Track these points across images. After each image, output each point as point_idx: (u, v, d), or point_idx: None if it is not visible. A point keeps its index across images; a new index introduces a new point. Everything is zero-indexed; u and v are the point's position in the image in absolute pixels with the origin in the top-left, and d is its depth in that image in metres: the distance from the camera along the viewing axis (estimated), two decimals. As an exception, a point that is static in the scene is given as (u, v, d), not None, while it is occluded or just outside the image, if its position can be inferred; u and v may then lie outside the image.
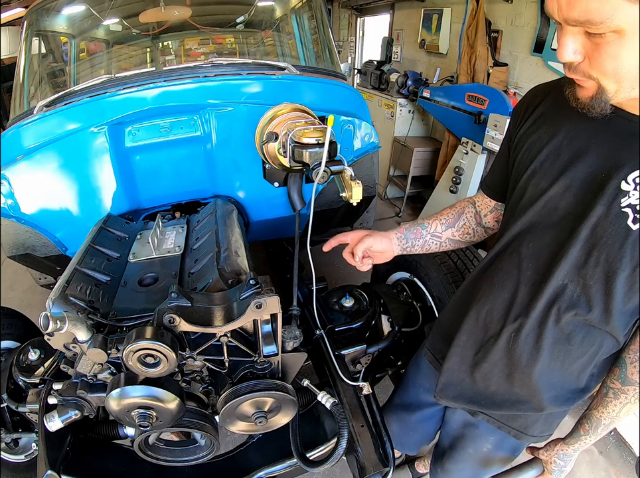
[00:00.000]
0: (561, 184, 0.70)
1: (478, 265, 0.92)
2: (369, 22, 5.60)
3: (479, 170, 3.02)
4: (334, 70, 1.93)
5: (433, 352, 1.07)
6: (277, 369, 0.93)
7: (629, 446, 1.82)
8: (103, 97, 1.40)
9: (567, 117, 0.71)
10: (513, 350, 0.80)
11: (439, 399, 0.99)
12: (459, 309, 0.93)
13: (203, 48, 2.48)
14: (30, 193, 1.41)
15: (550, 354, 0.77)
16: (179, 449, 1.02)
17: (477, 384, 0.90)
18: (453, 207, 1.03)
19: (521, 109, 0.83)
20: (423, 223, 1.02)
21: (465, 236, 1.02)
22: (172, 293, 0.79)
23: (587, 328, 0.73)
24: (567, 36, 0.57)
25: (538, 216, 0.74)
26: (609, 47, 0.54)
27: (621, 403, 0.79)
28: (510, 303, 0.79)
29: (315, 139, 1.14)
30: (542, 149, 0.74)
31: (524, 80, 2.94)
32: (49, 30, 1.97)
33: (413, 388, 1.20)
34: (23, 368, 1.20)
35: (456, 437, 1.09)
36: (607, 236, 0.65)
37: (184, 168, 1.53)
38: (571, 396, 0.84)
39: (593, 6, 0.50)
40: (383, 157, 3.57)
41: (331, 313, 1.47)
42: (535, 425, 0.93)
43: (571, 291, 0.71)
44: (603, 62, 0.56)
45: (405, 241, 1.01)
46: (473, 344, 0.88)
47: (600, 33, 0.53)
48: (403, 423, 1.26)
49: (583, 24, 0.53)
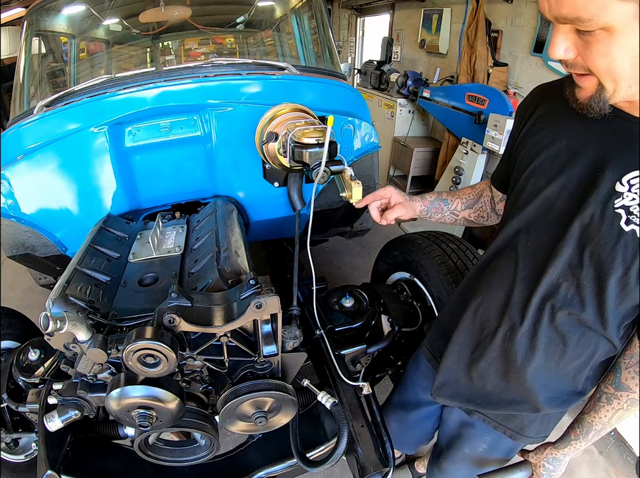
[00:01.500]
0: (558, 184, 0.71)
1: (477, 263, 0.92)
2: (369, 22, 5.60)
3: (479, 170, 3.03)
4: (334, 70, 1.93)
5: (432, 350, 1.08)
6: (277, 369, 0.93)
7: (629, 446, 1.82)
8: (103, 97, 1.40)
9: (567, 117, 0.71)
10: (508, 349, 0.80)
11: (436, 398, 1.00)
12: (457, 308, 0.94)
13: (203, 48, 2.48)
14: (30, 193, 1.41)
15: (545, 354, 0.77)
16: (179, 449, 1.02)
17: (474, 382, 0.90)
18: (474, 188, 1.07)
19: (523, 109, 0.84)
20: (447, 199, 1.06)
21: (480, 219, 1.06)
22: (172, 293, 0.79)
23: (583, 329, 0.73)
24: (558, 34, 0.58)
25: (534, 214, 0.75)
26: (599, 45, 0.54)
27: (614, 409, 0.78)
28: (506, 301, 0.80)
29: (315, 139, 1.14)
30: (543, 149, 0.74)
31: (524, 80, 2.94)
32: (49, 30, 1.97)
33: (411, 387, 1.21)
34: (23, 368, 1.20)
35: (453, 436, 1.09)
36: (600, 236, 0.65)
37: (184, 168, 1.53)
38: (567, 397, 0.84)
39: (581, 4, 0.51)
40: (383, 157, 3.57)
41: (331, 313, 1.47)
42: (531, 426, 0.93)
43: (565, 290, 0.71)
44: (595, 60, 0.56)
45: (427, 213, 1.06)
46: (470, 342, 0.88)
47: (589, 31, 0.53)
48: (402, 422, 1.27)
49: (572, 22, 0.54)
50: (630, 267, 0.63)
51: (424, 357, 1.11)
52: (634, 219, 0.62)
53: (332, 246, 3.12)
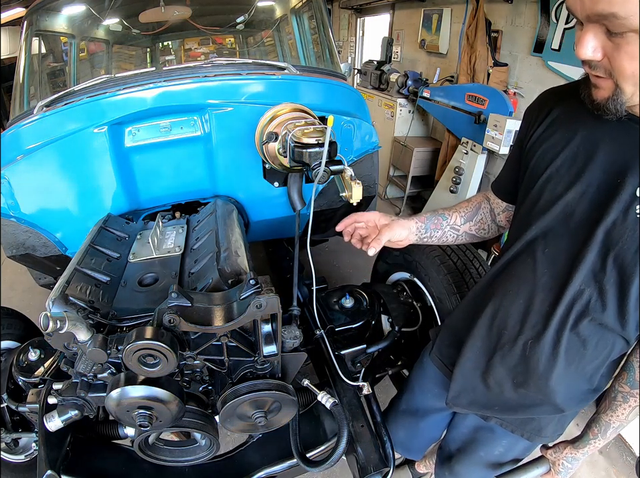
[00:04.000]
0: (577, 190, 0.70)
1: (489, 270, 0.91)
2: (369, 22, 5.59)
3: (479, 170, 3.03)
4: (334, 70, 1.93)
5: (442, 358, 1.05)
6: (277, 369, 0.93)
7: (629, 446, 1.82)
8: (103, 97, 1.40)
9: (582, 121, 0.71)
10: (530, 358, 0.79)
11: (452, 407, 0.99)
12: (470, 315, 0.92)
13: (203, 48, 2.48)
14: (30, 193, 1.41)
15: (566, 358, 0.77)
16: (179, 449, 1.02)
17: (491, 390, 0.89)
18: (470, 201, 1.02)
19: (534, 112, 0.82)
20: (444, 213, 1.01)
21: (481, 231, 1.02)
22: (172, 293, 0.79)
23: (602, 332, 0.73)
24: (588, 33, 0.56)
25: (554, 221, 0.74)
26: (629, 47, 0.54)
27: (630, 407, 0.79)
28: (526, 309, 0.79)
29: (314, 139, 1.14)
30: (559, 154, 0.73)
31: (524, 80, 2.94)
32: (49, 30, 1.96)
33: (420, 394, 1.19)
34: (23, 368, 1.20)
35: (466, 441, 1.08)
36: (623, 241, 0.65)
37: (184, 168, 1.53)
38: (584, 396, 0.84)
39: (619, 0, 0.50)
40: (383, 157, 3.57)
41: (331, 313, 1.47)
42: (549, 427, 0.93)
43: (588, 296, 0.71)
44: (623, 63, 0.55)
45: (425, 231, 0.99)
46: (486, 350, 0.87)
47: (621, 32, 0.53)
48: (410, 429, 1.25)
49: (606, 18, 0.53)
50: None
51: (433, 364, 1.09)
52: None
53: (332, 246, 3.12)
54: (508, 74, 3.03)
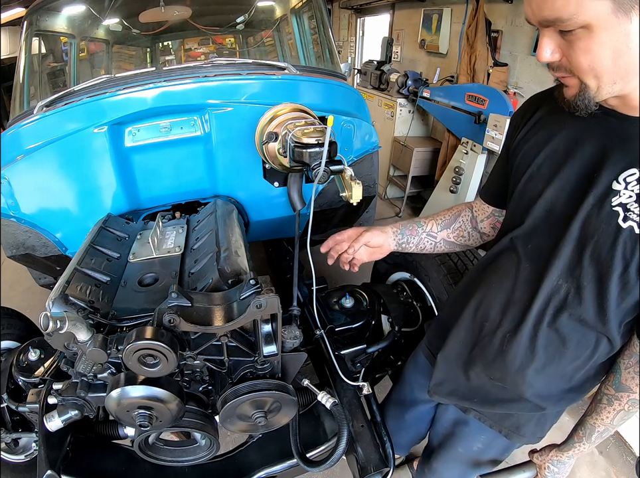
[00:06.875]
0: (556, 186, 0.72)
1: (477, 263, 0.92)
2: (369, 22, 5.59)
3: (479, 170, 3.03)
4: (334, 70, 1.93)
5: (430, 347, 1.08)
6: (277, 369, 0.93)
7: (629, 446, 1.82)
8: (103, 97, 1.40)
9: (563, 121, 0.72)
10: (507, 351, 0.80)
11: (433, 395, 1.00)
12: (456, 306, 0.94)
13: (203, 48, 2.48)
14: (30, 193, 1.41)
15: (545, 355, 0.77)
16: (179, 449, 1.02)
17: (471, 381, 0.90)
18: (450, 209, 1.04)
19: (518, 116, 0.85)
20: (420, 221, 1.03)
21: (460, 239, 1.03)
22: (172, 293, 0.79)
23: (583, 330, 0.73)
24: (544, 38, 0.60)
25: (537, 217, 0.75)
26: (581, 42, 0.56)
27: (615, 410, 0.78)
28: (506, 302, 0.80)
29: (314, 139, 1.14)
30: (539, 152, 0.75)
31: (524, 80, 2.94)
32: (49, 30, 1.96)
33: (408, 385, 1.21)
34: (23, 368, 1.20)
35: (446, 435, 1.09)
36: (599, 235, 0.65)
37: (184, 168, 1.53)
38: (564, 396, 0.84)
39: (560, 5, 0.54)
40: (383, 157, 3.57)
41: (331, 313, 1.47)
42: (527, 426, 0.93)
43: (565, 291, 0.71)
44: (579, 58, 0.58)
45: (402, 237, 1.02)
46: (468, 341, 0.89)
47: (570, 30, 0.56)
48: (397, 420, 1.27)
49: (554, 23, 0.56)
50: (629, 264, 0.63)
51: (422, 354, 1.11)
52: (631, 216, 0.62)
53: (332, 246, 3.11)
54: (508, 74, 3.03)
